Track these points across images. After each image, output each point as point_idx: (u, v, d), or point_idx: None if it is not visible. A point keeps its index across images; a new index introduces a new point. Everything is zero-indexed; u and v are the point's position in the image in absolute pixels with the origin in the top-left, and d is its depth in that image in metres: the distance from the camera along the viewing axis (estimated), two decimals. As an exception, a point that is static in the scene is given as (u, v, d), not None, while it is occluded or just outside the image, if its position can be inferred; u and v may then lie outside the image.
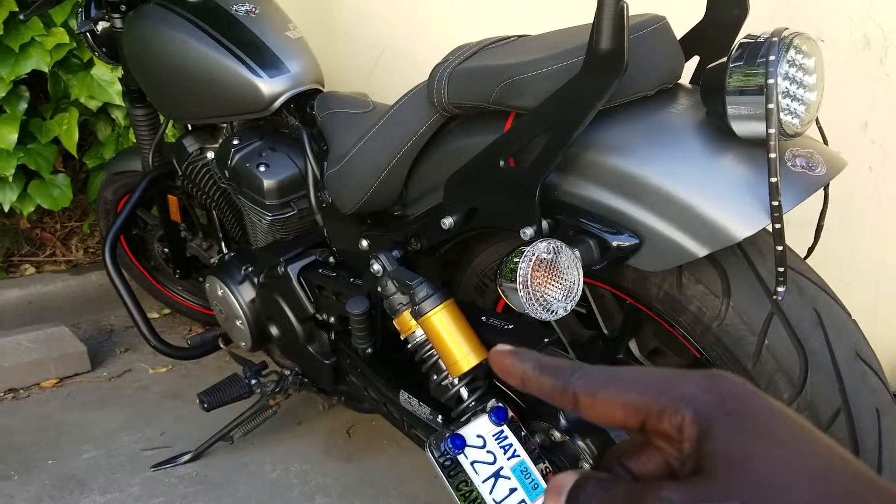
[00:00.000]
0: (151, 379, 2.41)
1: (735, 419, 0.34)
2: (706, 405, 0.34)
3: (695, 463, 0.34)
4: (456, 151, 1.29)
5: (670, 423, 0.35)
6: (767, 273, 1.09)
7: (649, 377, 0.37)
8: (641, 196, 1.06)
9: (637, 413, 0.36)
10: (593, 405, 0.37)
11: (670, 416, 0.35)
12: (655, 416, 0.35)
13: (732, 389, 0.35)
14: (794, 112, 1.03)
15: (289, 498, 1.84)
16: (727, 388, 0.35)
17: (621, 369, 0.38)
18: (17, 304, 2.70)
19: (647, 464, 0.37)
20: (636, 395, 0.36)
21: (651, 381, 0.36)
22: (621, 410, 0.36)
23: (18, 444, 2.08)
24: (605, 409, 0.37)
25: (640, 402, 0.36)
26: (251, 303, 1.82)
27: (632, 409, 0.36)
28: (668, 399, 0.35)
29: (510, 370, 0.40)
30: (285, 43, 1.80)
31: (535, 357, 0.40)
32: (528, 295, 1.03)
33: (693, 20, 1.22)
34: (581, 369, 0.38)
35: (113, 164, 2.46)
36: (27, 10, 2.15)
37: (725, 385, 0.35)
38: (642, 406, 0.36)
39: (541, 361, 0.40)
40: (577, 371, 0.38)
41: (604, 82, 1.01)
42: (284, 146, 1.77)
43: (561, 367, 0.39)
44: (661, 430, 0.35)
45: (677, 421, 0.35)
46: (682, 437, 0.35)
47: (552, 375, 0.39)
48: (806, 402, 1.08)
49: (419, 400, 1.43)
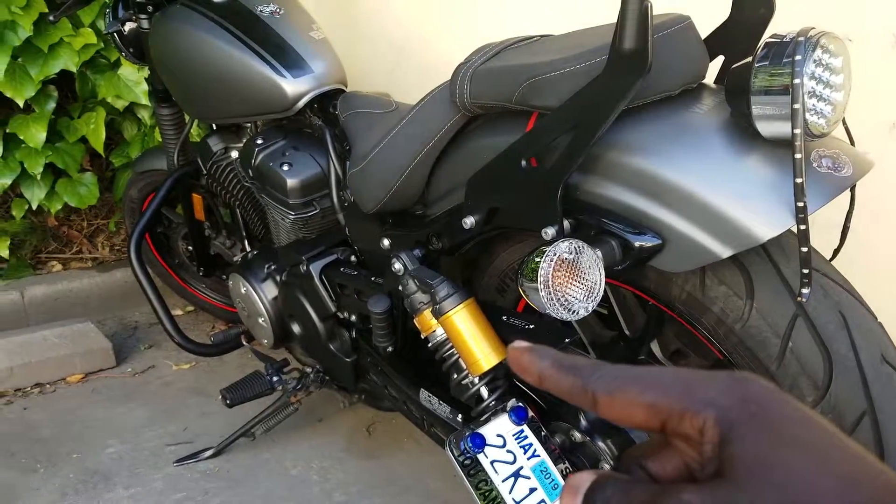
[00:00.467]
0: (175, 375, 2.43)
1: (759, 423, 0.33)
2: (729, 408, 0.33)
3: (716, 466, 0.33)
4: (478, 151, 1.29)
5: (691, 425, 0.34)
6: (792, 274, 1.08)
7: (671, 378, 0.36)
8: (664, 196, 1.06)
9: (657, 414, 0.35)
10: (612, 405, 0.36)
11: (692, 418, 0.34)
12: (676, 418, 0.35)
13: (757, 392, 0.34)
14: (820, 112, 1.02)
15: (309, 495, 1.85)
16: (751, 391, 0.34)
17: (642, 369, 0.37)
18: (43, 300, 2.74)
19: (666, 465, 0.37)
20: (657, 396, 0.35)
21: (673, 382, 0.36)
22: (641, 411, 0.36)
23: (44, 437, 2.10)
24: (624, 410, 0.36)
25: (661, 404, 0.35)
26: (273, 300, 1.83)
27: (652, 410, 0.35)
28: (690, 401, 0.34)
29: (527, 367, 0.40)
30: (309, 43, 1.81)
31: (554, 355, 0.39)
32: (550, 295, 1.03)
33: (718, 19, 1.21)
34: (600, 368, 0.38)
35: (139, 163, 2.48)
36: (56, 11, 2.17)
37: (750, 388, 0.34)
38: (663, 407, 0.35)
39: (559, 359, 0.39)
40: (596, 370, 0.37)
41: (627, 82, 1.00)
42: (307, 146, 1.78)
43: (580, 366, 0.38)
44: (682, 432, 0.35)
45: (699, 423, 0.34)
46: (703, 439, 0.34)
47: (571, 374, 0.38)
48: (830, 405, 1.07)
49: (439, 398, 1.43)
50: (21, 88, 2.57)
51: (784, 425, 0.33)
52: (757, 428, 0.33)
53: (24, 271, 2.82)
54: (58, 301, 2.76)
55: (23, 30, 2.48)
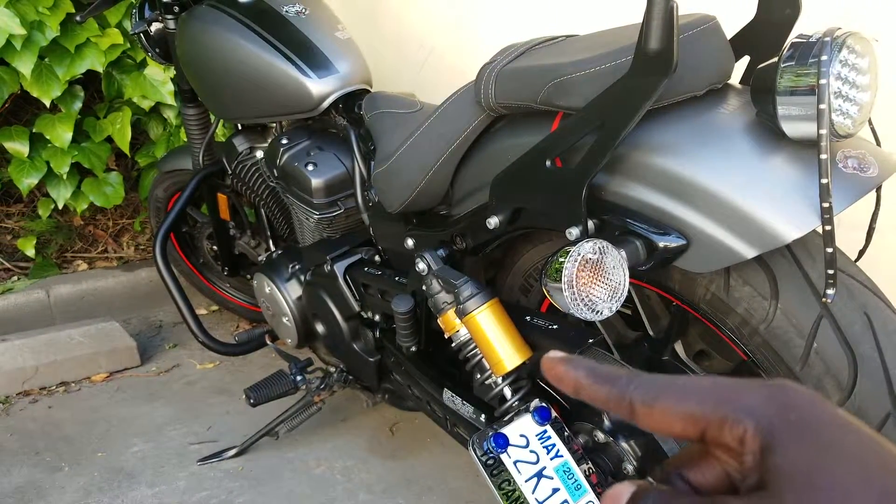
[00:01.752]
0: (199, 374, 2.45)
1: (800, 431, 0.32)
2: (769, 416, 0.33)
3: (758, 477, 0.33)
4: (502, 151, 1.29)
5: (731, 434, 0.34)
6: (817, 275, 1.07)
7: (709, 386, 0.36)
8: (689, 196, 1.05)
9: (696, 423, 0.35)
10: (651, 415, 0.36)
11: (731, 428, 0.34)
12: (716, 427, 0.34)
13: (797, 399, 0.34)
14: (846, 113, 1.01)
15: (332, 494, 1.86)
16: (791, 399, 0.34)
17: (679, 378, 0.37)
18: (69, 299, 2.77)
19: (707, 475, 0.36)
20: (695, 405, 0.35)
21: (711, 391, 0.35)
22: (680, 421, 0.35)
23: (69, 436, 2.13)
24: (662, 419, 0.36)
25: (700, 413, 0.35)
26: (298, 300, 1.84)
27: (691, 420, 0.35)
28: (729, 409, 0.34)
29: (563, 378, 0.40)
30: (334, 43, 1.82)
31: (589, 365, 0.39)
32: (574, 295, 1.03)
33: (744, 19, 1.21)
34: (638, 378, 0.37)
35: (164, 163, 2.50)
36: (83, 11, 2.20)
37: (789, 395, 0.34)
38: (702, 416, 0.35)
39: (594, 369, 0.39)
40: (633, 380, 0.37)
41: (652, 82, 1.00)
42: (332, 146, 1.79)
43: (616, 376, 0.38)
44: (722, 442, 0.34)
45: (739, 432, 0.33)
46: (743, 449, 0.33)
47: (608, 384, 0.38)
48: (854, 406, 1.06)
49: (462, 398, 1.43)
50: (48, 88, 2.60)
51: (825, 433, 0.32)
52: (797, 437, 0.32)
53: (49, 270, 2.86)
54: (83, 300, 2.79)
55: (50, 30, 2.51)
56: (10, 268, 2.86)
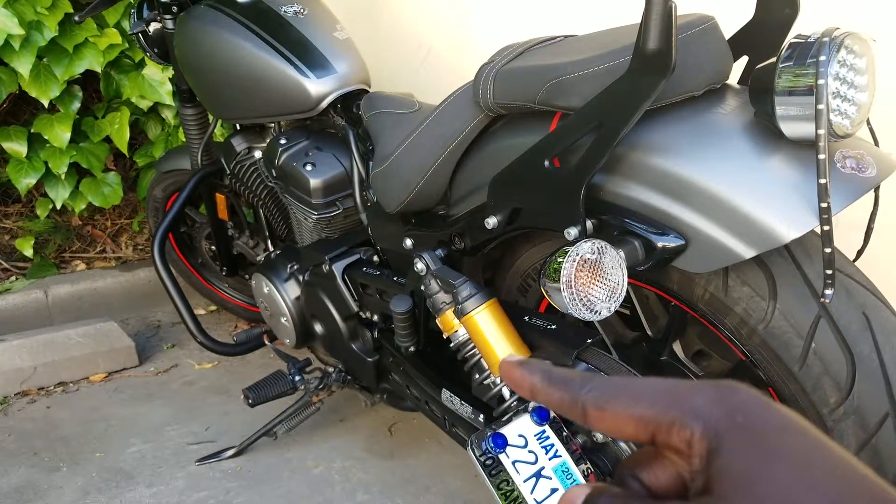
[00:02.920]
0: (197, 374, 2.45)
1: (745, 434, 0.32)
2: (716, 419, 0.33)
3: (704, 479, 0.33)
4: (501, 151, 1.29)
5: (679, 437, 0.34)
6: (815, 275, 1.07)
7: (658, 389, 0.36)
8: (688, 197, 1.06)
9: (646, 426, 0.35)
10: (602, 418, 0.36)
11: (679, 430, 0.34)
12: (665, 430, 0.34)
13: (743, 402, 0.34)
14: (844, 113, 1.01)
15: (331, 494, 1.86)
16: (738, 401, 0.34)
17: (632, 381, 0.37)
18: (67, 299, 2.77)
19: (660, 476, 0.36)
20: (645, 408, 0.35)
21: (660, 393, 0.35)
22: (631, 424, 0.35)
23: (67, 436, 2.13)
24: (614, 423, 0.36)
25: (649, 415, 0.35)
26: (296, 300, 1.84)
27: (641, 423, 0.35)
28: (678, 412, 0.34)
29: (519, 381, 0.40)
30: (333, 43, 1.82)
31: (545, 368, 0.39)
32: (572, 295, 1.03)
33: (742, 20, 1.21)
34: (590, 381, 0.37)
35: (162, 163, 2.50)
36: (82, 11, 2.20)
37: (736, 397, 0.34)
38: (651, 419, 0.35)
39: (550, 373, 0.39)
40: (586, 383, 0.37)
41: (651, 82, 1.00)
42: (331, 146, 1.79)
43: (570, 379, 0.38)
44: (671, 445, 0.34)
45: (686, 435, 0.34)
46: (691, 452, 0.34)
47: (561, 388, 0.38)
48: (853, 406, 1.06)
49: (461, 399, 1.43)
50: (46, 88, 2.60)
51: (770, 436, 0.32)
52: (743, 440, 0.32)
53: (48, 270, 2.86)
54: (81, 300, 2.79)
55: (48, 30, 2.51)
56: (9, 268, 2.86)
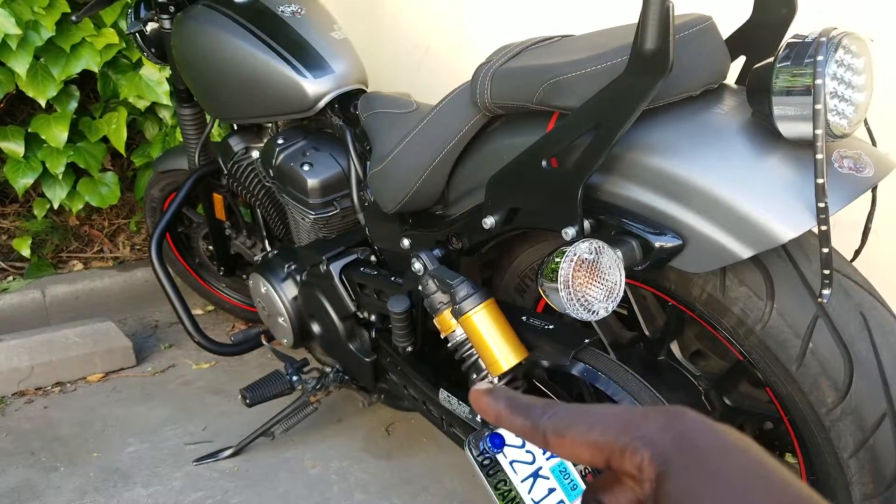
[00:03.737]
0: (195, 374, 2.44)
1: (690, 459, 0.34)
2: (663, 444, 0.35)
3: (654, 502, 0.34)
4: (498, 151, 1.29)
5: (631, 462, 0.35)
6: (812, 275, 1.07)
7: (613, 416, 0.37)
8: (685, 197, 1.06)
9: (601, 452, 0.37)
10: (562, 444, 0.38)
11: (630, 456, 0.35)
12: (618, 456, 0.36)
13: (689, 427, 0.35)
14: (841, 113, 1.01)
15: (328, 494, 1.86)
16: (684, 426, 0.35)
17: (590, 408, 0.39)
18: (65, 299, 2.76)
19: (621, 499, 0.38)
20: (599, 435, 0.37)
21: (614, 421, 0.37)
22: (587, 450, 0.37)
23: (65, 436, 2.12)
24: (572, 449, 0.38)
25: (604, 442, 0.36)
26: (294, 300, 1.84)
27: (596, 448, 0.37)
28: (629, 438, 0.36)
29: (485, 408, 0.42)
30: (330, 43, 1.82)
31: (509, 396, 0.41)
32: (570, 295, 1.03)
33: (740, 20, 1.21)
34: (550, 409, 0.39)
35: (160, 163, 2.50)
36: (79, 11, 2.19)
37: (682, 423, 0.36)
38: (605, 445, 0.36)
39: (513, 400, 0.41)
40: (546, 411, 0.39)
41: (648, 82, 1.00)
42: (328, 146, 1.79)
43: (532, 407, 0.40)
44: (624, 470, 0.36)
45: (637, 461, 0.35)
46: (642, 476, 0.35)
47: (523, 415, 0.40)
48: (851, 406, 1.06)
49: (458, 398, 1.43)
50: (43, 88, 2.59)
51: (712, 461, 0.34)
52: (688, 465, 0.34)
53: (45, 270, 2.85)
54: (79, 300, 2.78)
55: (45, 30, 2.51)
56: (6, 268, 2.86)
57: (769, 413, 1.27)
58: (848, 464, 1.10)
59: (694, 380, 1.35)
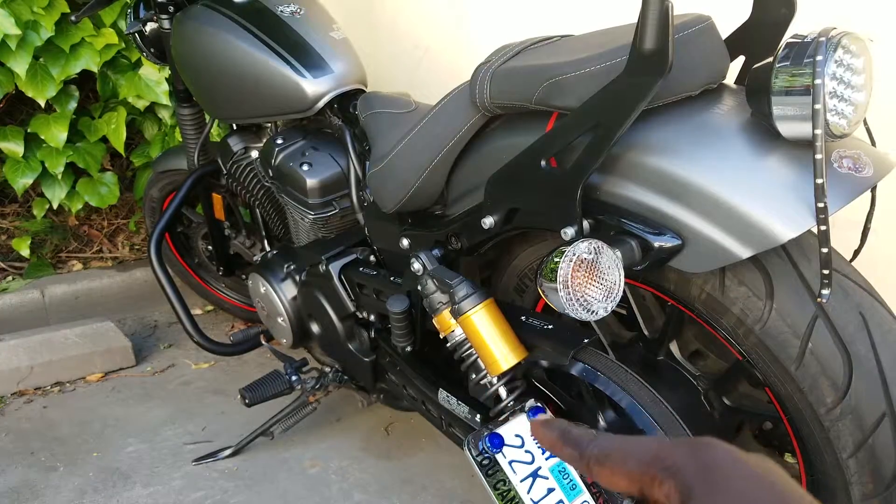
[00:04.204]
0: (194, 374, 2.44)
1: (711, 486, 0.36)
2: (689, 474, 0.37)
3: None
4: (497, 151, 1.29)
5: (660, 491, 0.38)
6: (812, 275, 1.07)
7: (646, 447, 0.40)
8: (684, 196, 1.06)
9: (636, 481, 0.39)
10: (602, 473, 0.41)
11: (659, 485, 0.38)
12: (648, 485, 0.38)
13: (714, 457, 0.37)
14: (841, 113, 1.01)
15: (327, 494, 1.86)
16: (710, 456, 0.38)
17: (628, 440, 0.41)
18: (64, 299, 2.77)
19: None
20: (633, 465, 0.39)
21: (646, 452, 0.39)
22: (625, 479, 0.40)
23: (64, 436, 2.12)
24: (611, 478, 0.40)
25: (637, 472, 0.39)
26: (293, 300, 1.84)
27: (631, 478, 0.39)
28: (658, 468, 0.38)
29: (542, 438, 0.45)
30: (329, 43, 1.82)
31: (563, 427, 0.45)
32: (569, 295, 1.03)
33: (739, 20, 1.21)
34: (596, 440, 0.42)
35: (159, 163, 2.50)
36: (78, 11, 2.19)
37: (708, 453, 0.38)
38: (638, 475, 0.39)
39: (566, 432, 0.44)
40: (591, 442, 0.42)
41: (647, 82, 1.00)
42: (327, 146, 1.79)
43: (579, 438, 0.43)
44: (655, 498, 0.38)
45: (666, 489, 0.37)
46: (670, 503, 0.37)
47: (573, 445, 0.43)
48: (850, 406, 1.06)
49: (458, 398, 1.43)
50: (42, 88, 2.60)
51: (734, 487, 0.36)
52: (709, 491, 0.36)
53: (44, 270, 2.85)
54: (78, 300, 2.78)
55: (45, 30, 2.51)
56: (5, 268, 2.86)
57: (768, 413, 1.27)
58: (847, 464, 1.10)
59: (693, 380, 1.35)
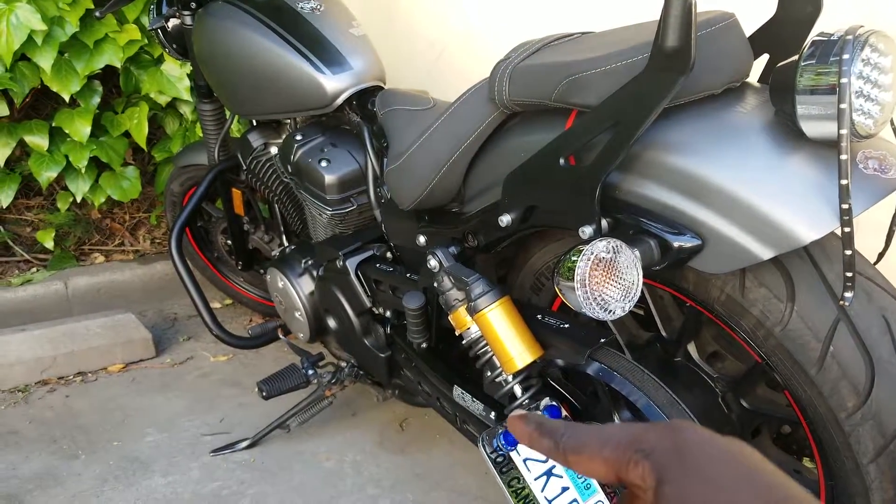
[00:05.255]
0: (212, 366, 2.46)
1: (683, 466, 0.37)
2: (662, 454, 0.38)
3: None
4: (516, 149, 1.28)
5: (635, 473, 0.38)
6: (834, 278, 1.06)
7: (620, 433, 0.41)
8: (705, 196, 1.04)
9: (612, 467, 0.40)
10: (579, 462, 0.42)
11: (633, 467, 0.39)
12: (624, 469, 0.39)
13: (685, 438, 0.38)
14: (867, 112, 0.99)
15: (342, 487, 1.86)
16: (682, 437, 0.38)
17: (601, 428, 0.42)
18: (86, 291, 2.79)
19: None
20: (609, 451, 0.40)
21: (620, 437, 0.40)
22: (601, 465, 0.40)
23: (86, 425, 2.14)
24: (588, 465, 0.41)
25: (612, 457, 0.40)
26: (310, 295, 1.85)
27: (608, 463, 0.40)
28: (632, 451, 0.39)
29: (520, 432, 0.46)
30: (349, 40, 1.82)
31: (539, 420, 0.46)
32: (586, 294, 1.02)
33: (764, 17, 1.19)
34: (570, 430, 0.43)
35: (180, 158, 2.51)
36: (103, 7, 2.21)
37: (681, 435, 0.39)
38: (614, 460, 0.40)
39: (541, 425, 0.45)
40: (567, 432, 0.43)
41: (669, 80, 0.99)
42: (346, 142, 1.79)
43: (555, 429, 0.44)
44: (631, 481, 0.39)
45: (640, 471, 0.38)
46: (645, 485, 0.38)
47: (548, 436, 0.44)
48: (871, 411, 1.05)
49: (472, 396, 1.43)
50: (67, 83, 2.62)
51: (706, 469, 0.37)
52: (684, 472, 0.37)
53: (68, 262, 2.88)
54: (100, 292, 2.81)
55: (70, 25, 2.53)
56: (30, 259, 2.88)
57: (787, 416, 1.25)
58: (867, 469, 1.08)
59: (711, 381, 1.34)
